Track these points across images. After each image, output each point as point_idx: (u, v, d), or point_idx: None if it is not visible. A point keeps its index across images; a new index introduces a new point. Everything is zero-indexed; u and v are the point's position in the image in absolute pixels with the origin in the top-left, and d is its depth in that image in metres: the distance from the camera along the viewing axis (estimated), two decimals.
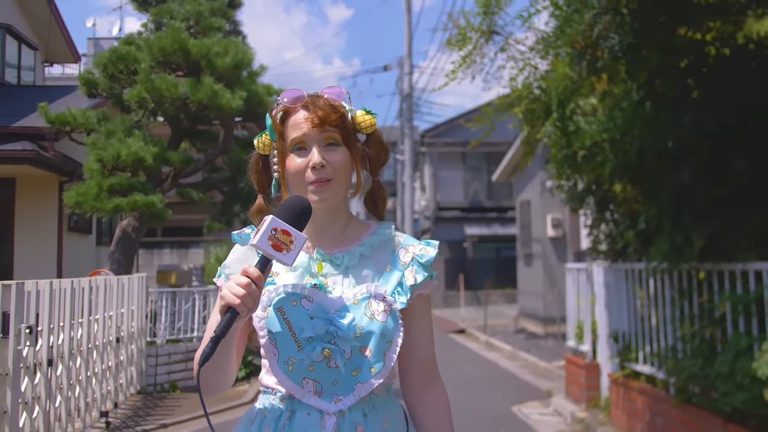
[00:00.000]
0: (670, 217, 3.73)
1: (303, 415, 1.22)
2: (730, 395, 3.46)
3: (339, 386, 1.23)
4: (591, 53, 3.22)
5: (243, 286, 1.11)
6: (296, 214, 1.17)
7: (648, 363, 4.83)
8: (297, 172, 1.26)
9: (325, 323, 1.22)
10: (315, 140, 1.26)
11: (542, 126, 4.07)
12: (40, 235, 10.37)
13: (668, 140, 3.30)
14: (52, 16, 14.11)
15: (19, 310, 4.34)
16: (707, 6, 3.17)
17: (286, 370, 1.24)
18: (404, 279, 1.29)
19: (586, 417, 5.80)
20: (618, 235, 4.78)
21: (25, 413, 4.43)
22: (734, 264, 3.64)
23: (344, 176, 1.29)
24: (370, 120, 1.32)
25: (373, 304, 1.25)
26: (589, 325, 6.14)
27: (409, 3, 20.34)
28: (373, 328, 1.23)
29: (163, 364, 7.64)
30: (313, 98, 1.29)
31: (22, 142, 9.46)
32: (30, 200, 10.37)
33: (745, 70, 3.31)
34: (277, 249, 1.13)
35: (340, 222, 1.34)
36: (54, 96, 11.42)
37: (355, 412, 1.23)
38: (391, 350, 1.25)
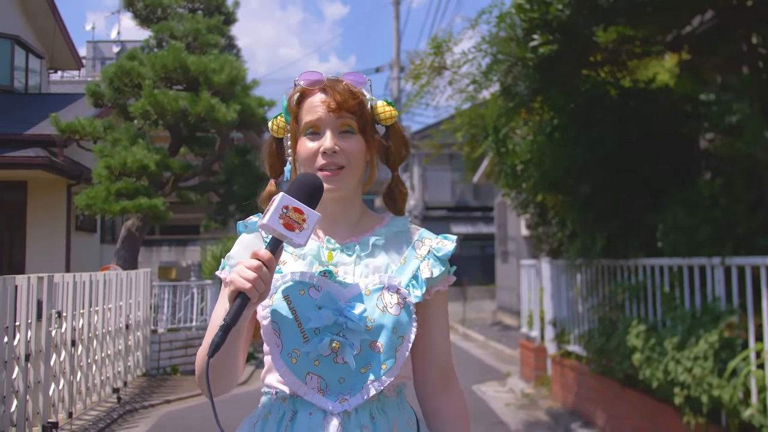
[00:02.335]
0: (580, 221, 4.65)
1: (305, 416, 1.13)
2: (620, 364, 4.38)
3: (345, 384, 1.14)
4: (508, 94, 4.12)
5: (254, 269, 1.03)
6: (308, 192, 1.09)
7: (576, 343, 5.75)
8: (307, 156, 1.19)
9: (334, 313, 1.13)
10: (330, 125, 1.18)
11: (480, 147, 4.99)
12: (49, 234, 11.23)
13: (570, 163, 4.21)
14: (56, 26, 14.91)
15: (50, 298, 5.23)
16: (600, 58, 4.07)
17: (288, 362, 1.15)
18: (419, 272, 1.21)
19: (533, 392, 6.73)
20: (552, 235, 5.69)
21: (53, 384, 5.32)
22: (627, 260, 4.56)
23: (357, 166, 1.20)
24: (391, 111, 1.25)
25: (386, 296, 1.16)
26: (538, 314, 7.07)
27: (397, 11, 21.25)
28: (385, 322, 1.14)
29: (165, 350, 8.54)
30: (332, 82, 1.21)
31: (35, 149, 10.33)
32: (40, 202, 11.23)
33: (627, 108, 4.22)
34: (288, 228, 1.05)
35: (353, 214, 1.26)
36: (60, 103, 12.28)
37: (362, 413, 1.13)
38: (403, 346, 1.16)
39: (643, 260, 4.40)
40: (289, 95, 1.24)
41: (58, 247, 11.27)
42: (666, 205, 3.90)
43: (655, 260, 4.21)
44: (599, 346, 4.78)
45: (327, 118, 1.18)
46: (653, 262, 4.24)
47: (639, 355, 3.88)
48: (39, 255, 11.09)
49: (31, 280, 4.98)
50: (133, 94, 9.88)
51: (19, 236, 11.25)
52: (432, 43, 5.03)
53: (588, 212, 4.55)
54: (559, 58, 3.61)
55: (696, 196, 3.70)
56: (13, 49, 13.25)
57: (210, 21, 10.71)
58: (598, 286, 5.03)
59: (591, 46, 3.79)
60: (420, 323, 1.21)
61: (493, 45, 4.12)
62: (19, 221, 11.22)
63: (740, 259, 3.37)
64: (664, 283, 4.12)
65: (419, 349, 1.22)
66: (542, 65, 3.69)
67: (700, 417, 3.43)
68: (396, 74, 22.09)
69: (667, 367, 3.53)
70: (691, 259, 3.75)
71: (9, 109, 11.61)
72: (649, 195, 4.23)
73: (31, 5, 13.67)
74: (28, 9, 13.81)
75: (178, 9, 11.06)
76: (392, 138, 1.27)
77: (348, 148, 1.18)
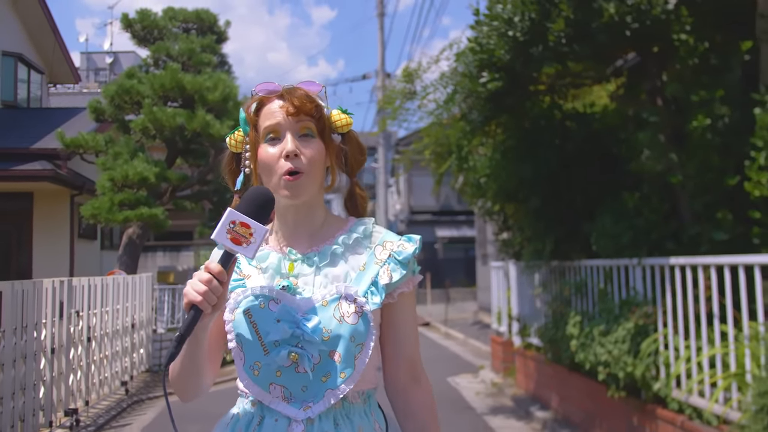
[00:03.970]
0: (532, 228, 5.38)
1: (271, 421, 1.18)
2: (565, 351, 5.11)
3: (308, 392, 1.17)
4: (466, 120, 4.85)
5: (204, 282, 1.07)
6: (257, 206, 1.11)
7: (535, 336, 6.48)
8: (269, 162, 1.19)
9: (291, 326, 1.16)
10: (289, 129, 1.20)
11: (445, 163, 5.73)
12: (54, 241, 11.86)
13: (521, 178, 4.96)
14: (56, 43, 15.52)
15: (69, 299, 5.91)
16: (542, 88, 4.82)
17: (251, 375, 1.19)
18: (378, 278, 1.22)
19: (501, 382, 7.47)
20: (514, 240, 6.43)
21: (72, 376, 5.99)
22: (572, 262, 5.30)
23: (318, 170, 1.21)
24: (346, 119, 1.26)
25: (343, 306, 1.18)
26: (506, 311, 7.80)
27: (381, 23, 22.00)
28: (342, 331, 1.16)
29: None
30: (288, 89, 1.23)
31: (41, 162, 10.97)
32: (45, 211, 11.86)
33: (567, 132, 4.95)
34: (236, 242, 1.08)
35: (316, 219, 1.27)
36: (61, 118, 12.93)
37: (326, 420, 1.17)
38: (362, 354, 1.18)
39: (584, 261, 5.14)
40: (246, 105, 1.26)
41: (62, 253, 11.90)
42: (598, 215, 4.65)
43: (592, 261, 4.96)
44: (550, 336, 5.52)
45: (286, 122, 1.20)
46: (591, 263, 4.99)
47: (575, 342, 4.63)
48: (44, 261, 11.71)
49: (55, 283, 5.66)
50: (132, 110, 10.56)
51: (26, 243, 11.87)
52: (404, 72, 5.77)
53: (538, 220, 5.29)
54: (506, 92, 4.34)
55: (621, 207, 4.44)
56: (17, 66, 13.85)
57: (203, 41, 11.42)
58: (550, 285, 5.77)
59: (532, 81, 4.53)
60: (387, 325, 1.25)
61: (453, 77, 4.86)
62: (25, 229, 11.85)
63: (652, 260, 4.11)
64: (600, 281, 4.87)
65: (387, 350, 1.26)
66: (491, 98, 4.42)
67: (621, 391, 4.17)
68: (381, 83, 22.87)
69: (595, 351, 4.27)
70: (618, 260, 4.49)
71: (14, 124, 12.24)
72: (586, 206, 4.98)
73: (32, 24, 14.27)
74: (30, 28, 14.39)
75: (173, 29, 11.75)
76: (349, 145, 1.29)
77: (308, 152, 1.20)
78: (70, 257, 11.90)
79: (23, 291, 5.06)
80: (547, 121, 4.97)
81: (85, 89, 22.64)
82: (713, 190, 3.76)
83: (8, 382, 4.76)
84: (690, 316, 3.64)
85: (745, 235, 3.75)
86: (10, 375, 4.79)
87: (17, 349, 4.91)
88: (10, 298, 4.86)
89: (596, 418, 4.84)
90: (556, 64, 4.15)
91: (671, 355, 3.76)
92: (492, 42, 4.02)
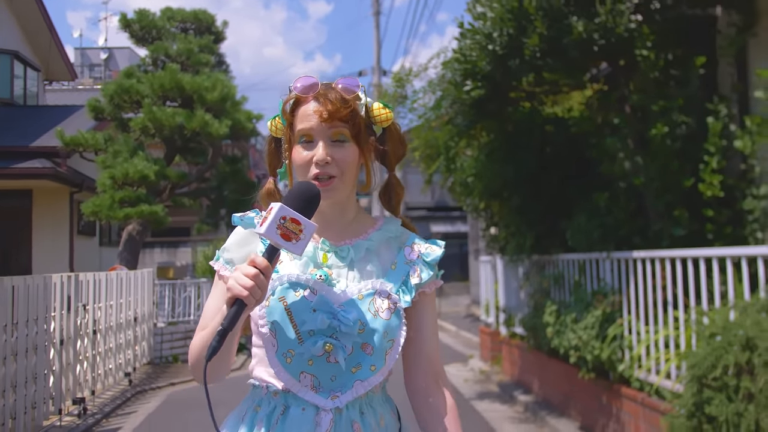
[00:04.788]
0: (515, 225, 5.75)
1: (297, 411, 1.18)
2: (544, 339, 5.48)
3: (337, 382, 1.19)
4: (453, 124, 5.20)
5: (251, 277, 1.07)
6: (305, 202, 1.13)
7: (519, 325, 6.86)
8: (301, 164, 1.22)
9: (329, 317, 1.18)
10: (322, 135, 1.21)
11: (434, 164, 6.09)
12: (53, 237, 12.15)
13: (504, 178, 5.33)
14: (52, 41, 15.74)
15: (76, 293, 6.23)
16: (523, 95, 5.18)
17: (284, 362, 1.19)
18: (409, 278, 1.26)
19: (488, 369, 7.85)
20: (500, 235, 6.80)
21: (79, 366, 6.32)
22: (551, 256, 5.67)
23: (350, 173, 1.24)
24: (387, 114, 1.28)
25: (377, 301, 1.21)
26: (494, 303, 8.18)
27: (377, 21, 22.29)
28: (377, 326, 1.20)
29: (166, 341, 9.53)
30: (326, 89, 1.23)
31: (41, 160, 11.25)
32: (45, 208, 12.15)
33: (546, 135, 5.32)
34: (285, 238, 1.09)
35: (348, 216, 1.30)
36: (59, 115, 13.19)
37: (352, 409, 1.20)
38: (393, 349, 1.22)
39: (561, 255, 5.51)
40: (284, 101, 1.26)
41: (62, 250, 12.20)
42: (574, 213, 5.01)
43: (568, 255, 5.33)
44: (531, 325, 5.89)
45: (319, 128, 1.20)
46: (567, 257, 5.36)
47: (551, 329, 5.00)
48: (44, 257, 12.01)
49: (63, 278, 5.99)
50: (131, 109, 10.85)
51: (26, 239, 12.16)
52: (395, 77, 6.11)
53: (520, 217, 5.66)
54: (488, 99, 4.69)
55: (594, 206, 4.80)
56: (13, 64, 14.04)
57: (201, 41, 11.71)
58: (532, 277, 6.15)
59: (512, 89, 4.88)
60: (409, 325, 1.26)
61: (440, 84, 5.20)
62: (25, 226, 12.13)
63: (619, 254, 4.48)
64: (575, 273, 5.24)
65: (410, 349, 1.28)
66: (475, 104, 4.77)
67: (591, 373, 4.54)
68: (377, 80, 23.18)
69: (568, 337, 4.64)
70: (590, 254, 4.86)
71: (11, 122, 12.49)
72: (563, 205, 5.35)
73: (28, 22, 14.45)
74: (26, 25, 14.57)
75: (171, 29, 12.03)
76: (389, 139, 1.31)
77: (340, 158, 1.21)
78: (69, 253, 12.20)
79: (35, 285, 5.39)
80: (528, 126, 5.34)
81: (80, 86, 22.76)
82: (672, 190, 4.13)
83: (21, 371, 5.08)
84: (649, 303, 4.02)
85: (701, 231, 4.12)
86: (23, 364, 5.12)
87: (29, 340, 5.23)
88: (23, 292, 5.19)
89: (571, 399, 5.22)
90: (533, 75, 4.50)
91: (634, 339, 4.13)
92: (474, 54, 4.37)
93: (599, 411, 4.68)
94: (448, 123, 5.42)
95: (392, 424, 1.26)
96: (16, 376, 4.99)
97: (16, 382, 5.00)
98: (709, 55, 4.57)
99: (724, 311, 2.96)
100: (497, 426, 5.58)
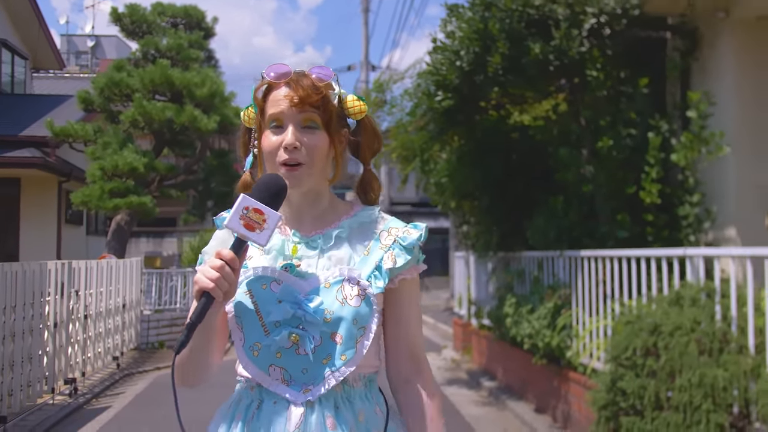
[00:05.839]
0: (483, 223, 6.22)
1: (269, 405, 1.17)
2: (504, 329, 5.96)
3: (308, 375, 1.16)
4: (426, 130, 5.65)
5: (216, 269, 1.07)
6: (270, 193, 1.12)
7: (487, 317, 7.35)
8: (270, 150, 1.20)
9: (293, 307, 1.15)
10: (292, 119, 1.19)
11: (410, 165, 6.54)
12: (41, 226, 12.41)
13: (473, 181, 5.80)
14: (40, 29, 15.86)
15: (69, 279, 6.60)
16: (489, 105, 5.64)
17: (251, 356, 1.18)
18: (382, 263, 1.21)
19: (459, 359, 8.35)
20: (471, 233, 7.28)
21: (70, 349, 6.70)
22: (515, 253, 6.15)
23: (318, 161, 1.20)
24: (360, 106, 1.25)
25: (346, 288, 1.18)
26: (466, 296, 8.66)
27: (366, 18, 22.65)
28: (344, 314, 1.16)
29: (153, 328, 9.91)
30: (298, 76, 1.21)
31: (30, 149, 11.51)
32: (33, 197, 12.40)
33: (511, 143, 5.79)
34: (249, 228, 1.08)
35: (320, 207, 1.26)
36: (48, 105, 13.40)
37: (326, 403, 1.16)
38: (364, 337, 1.18)
39: (523, 253, 6.00)
40: (256, 87, 1.24)
41: (50, 238, 12.47)
42: (534, 215, 5.49)
43: (530, 253, 5.81)
44: (496, 317, 6.37)
45: (290, 113, 1.18)
46: (528, 254, 5.84)
47: (510, 319, 5.48)
48: (32, 245, 12.26)
49: (57, 265, 6.35)
50: (121, 102, 11.16)
51: (13, 228, 12.40)
52: (376, 83, 6.54)
53: (488, 217, 6.13)
54: (457, 109, 5.14)
55: (551, 208, 5.28)
56: (0, 52, 14.18)
57: (191, 36, 12.02)
58: (497, 272, 6.63)
59: (480, 99, 5.34)
60: (388, 312, 1.24)
61: (415, 93, 5.64)
62: (12, 215, 12.37)
63: (570, 253, 4.96)
64: (534, 269, 5.72)
65: (389, 337, 1.25)
66: (446, 113, 5.22)
67: (543, 359, 5.03)
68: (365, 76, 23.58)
69: (524, 326, 5.12)
70: (547, 252, 5.34)
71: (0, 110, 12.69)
72: (526, 207, 5.83)
73: (16, 9, 14.49)
74: (14, 13, 14.59)
75: (162, 24, 12.33)
76: (363, 132, 1.28)
77: (310, 144, 1.18)
78: (57, 241, 12.48)
79: (32, 271, 5.75)
80: (495, 134, 5.81)
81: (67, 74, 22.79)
82: (617, 197, 4.61)
83: (18, 351, 5.45)
84: (593, 297, 4.51)
85: (642, 234, 4.61)
86: (20, 345, 5.49)
87: (25, 323, 5.60)
88: (21, 278, 5.55)
89: (528, 384, 5.72)
90: (498, 89, 4.96)
91: (580, 328, 4.62)
92: (445, 68, 4.81)
93: (551, 394, 5.17)
94: (422, 129, 5.87)
95: (374, 421, 1.21)
96: (13, 355, 5.36)
97: (13, 361, 5.37)
98: (660, 75, 5.07)
99: (640, 303, 3.44)
100: (462, 409, 6.06)
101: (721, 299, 3.29)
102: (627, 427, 3.15)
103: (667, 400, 3.07)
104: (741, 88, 4.82)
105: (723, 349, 3.09)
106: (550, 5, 4.33)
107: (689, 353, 3.04)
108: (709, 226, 4.75)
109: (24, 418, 5.37)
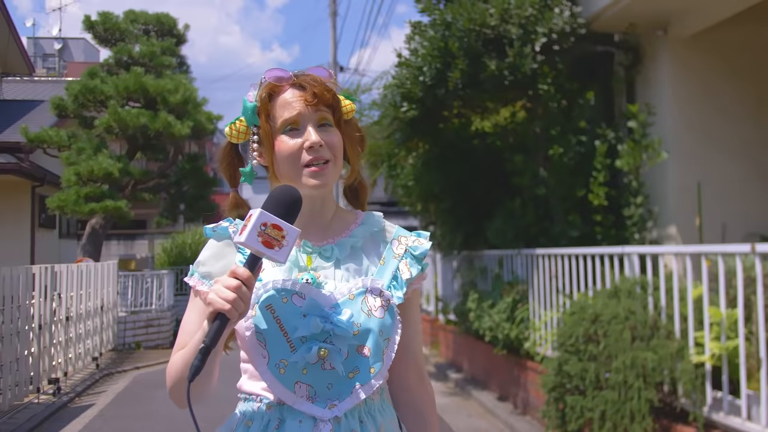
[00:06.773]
0: (448, 224, 6.65)
1: (294, 423, 1.12)
2: (468, 323, 6.39)
3: (334, 390, 1.13)
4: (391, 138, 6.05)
5: (233, 289, 1.01)
6: (286, 206, 1.06)
7: (453, 313, 7.78)
8: (291, 154, 1.15)
9: (321, 321, 1.11)
10: (309, 120, 1.16)
11: (378, 170, 6.94)
12: (15, 230, 12.44)
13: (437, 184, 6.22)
14: (10, 34, 15.80)
15: (52, 283, 6.82)
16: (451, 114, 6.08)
17: (277, 374, 1.12)
18: (399, 272, 1.20)
19: (427, 353, 8.77)
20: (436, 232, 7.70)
21: (53, 350, 6.91)
22: (477, 252, 6.59)
23: (340, 159, 1.19)
24: (350, 105, 1.25)
25: (369, 300, 1.15)
26: (434, 293, 9.09)
27: (334, 22, 22.96)
28: (372, 326, 1.14)
29: (129, 329, 10.12)
30: (304, 78, 1.18)
31: (4, 155, 11.56)
32: (6, 202, 12.42)
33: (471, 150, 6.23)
34: (267, 246, 1.02)
35: (329, 210, 1.24)
36: (20, 110, 13.44)
37: (351, 418, 1.14)
38: (389, 348, 1.17)
39: (485, 251, 6.44)
40: (258, 93, 1.19)
41: (24, 242, 12.52)
42: (495, 216, 5.93)
43: (491, 251, 6.25)
44: (461, 312, 6.80)
45: (306, 113, 1.16)
46: (490, 253, 6.28)
47: (473, 314, 5.91)
48: (5, 248, 12.28)
49: (41, 269, 6.57)
50: (95, 108, 11.30)
51: None
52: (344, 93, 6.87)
53: (452, 218, 6.56)
54: (421, 119, 5.55)
55: (510, 210, 5.72)
56: None
57: (163, 43, 12.21)
58: (462, 270, 7.06)
59: (443, 109, 5.75)
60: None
61: (382, 103, 6.02)
62: None
63: (527, 251, 5.41)
64: (495, 266, 6.16)
65: (399, 347, 1.21)
66: (410, 123, 5.62)
67: (503, 350, 5.47)
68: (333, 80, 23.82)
69: (485, 320, 5.55)
70: (506, 251, 5.79)
71: None
72: (487, 208, 6.27)
73: None
74: None
75: (134, 31, 12.48)
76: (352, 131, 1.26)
77: (330, 141, 1.16)
78: (31, 245, 12.53)
79: (18, 276, 5.97)
80: (457, 140, 6.23)
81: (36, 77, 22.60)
82: (568, 199, 5.07)
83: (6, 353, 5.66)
84: (547, 291, 4.95)
85: (592, 233, 5.08)
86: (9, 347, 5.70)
87: (13, 325, 5.81)
88: (9, 282, 5.77)
89: (492, 374, 6.16)
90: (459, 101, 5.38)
91: (536, 320, 5.06)
92: (409, 82, 5.20)
93: (512, 382, 5.61)
94: (389, 137, 6.27)
95: None
96: (1, 357, 5.58)
97: (2, 362, 5.59)
98: (608, 87, 5.55)
99: (585, 296, 3.88)
100: None
101: (653, 291, 3.75)
102: (571, 405, 3.58)
103: (606, 380, 3.51)
104: (678, 98, 5.33)
105: (653, 334, 3.55)
106: (504, 25, 4.75)
107: (624, 339, 3.48)
108: (652, 225, 5.25)
109: (12, 416, 5.60)
